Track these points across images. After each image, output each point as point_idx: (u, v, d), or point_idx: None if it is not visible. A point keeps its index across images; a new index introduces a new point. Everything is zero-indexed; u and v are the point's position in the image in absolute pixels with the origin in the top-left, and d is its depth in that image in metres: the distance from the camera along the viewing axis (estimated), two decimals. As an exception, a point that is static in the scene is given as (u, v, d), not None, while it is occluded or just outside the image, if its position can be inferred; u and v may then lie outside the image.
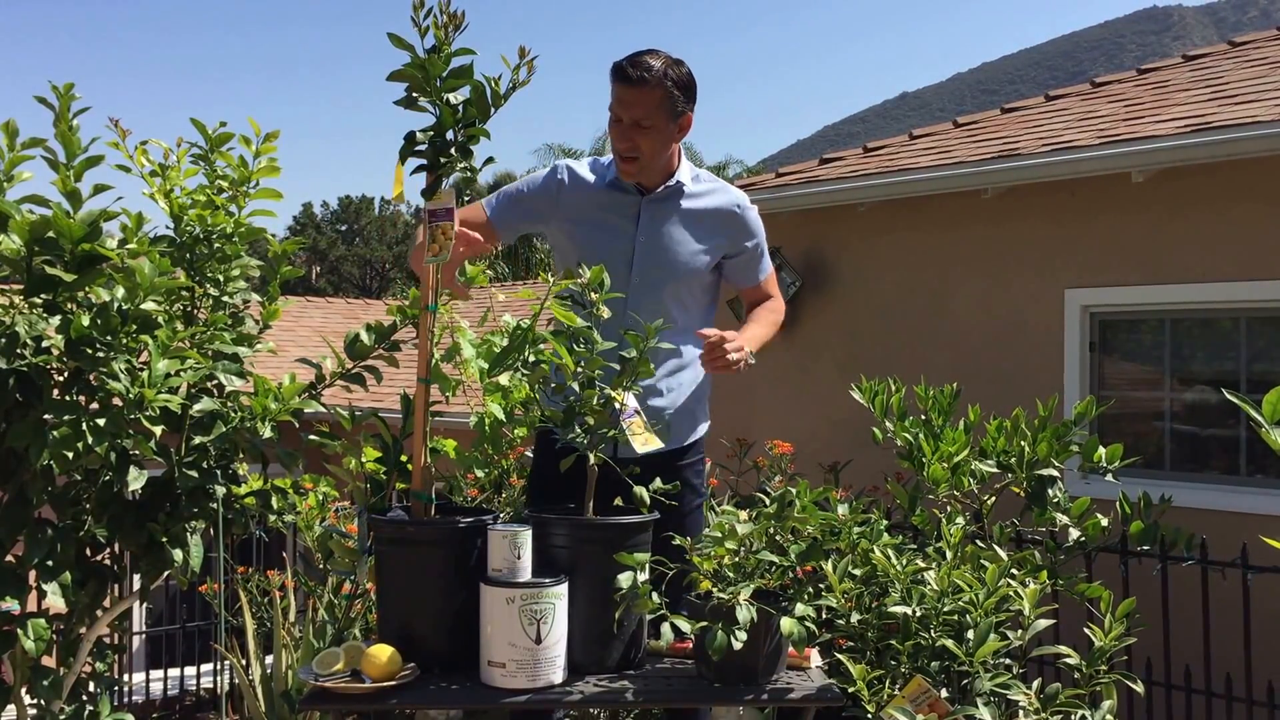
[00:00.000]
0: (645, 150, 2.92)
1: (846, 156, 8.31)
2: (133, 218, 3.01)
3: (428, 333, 2.71)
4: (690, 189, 3.04)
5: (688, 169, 3.07)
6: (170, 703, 5.96)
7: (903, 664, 2.72)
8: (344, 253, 47.96)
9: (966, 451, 3.35)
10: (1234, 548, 4.41)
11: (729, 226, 3.08)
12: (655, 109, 2.89)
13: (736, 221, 3.10)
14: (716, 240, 3.05)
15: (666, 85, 2.88)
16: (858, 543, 2.83)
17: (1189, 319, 6.23)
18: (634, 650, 2.63)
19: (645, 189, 3.01)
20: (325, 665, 2.50)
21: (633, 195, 3.01)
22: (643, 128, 2.89)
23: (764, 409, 7.95)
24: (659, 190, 3.00)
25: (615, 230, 2.99)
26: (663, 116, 2.90)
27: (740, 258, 3.12)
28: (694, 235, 3.02)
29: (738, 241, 3.10)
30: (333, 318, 15.20)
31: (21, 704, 3.02)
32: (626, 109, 2.89)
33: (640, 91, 2.86)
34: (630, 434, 2.67)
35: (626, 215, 3.00)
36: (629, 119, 2.89)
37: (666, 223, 3.01)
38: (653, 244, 2.98)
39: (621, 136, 2.92)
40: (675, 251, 2.99)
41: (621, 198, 3.02)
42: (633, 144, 2.90)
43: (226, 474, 3.09)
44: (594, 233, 2.99)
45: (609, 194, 3.02)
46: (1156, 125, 6.16)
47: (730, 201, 3.10)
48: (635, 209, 3.01)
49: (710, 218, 3.05)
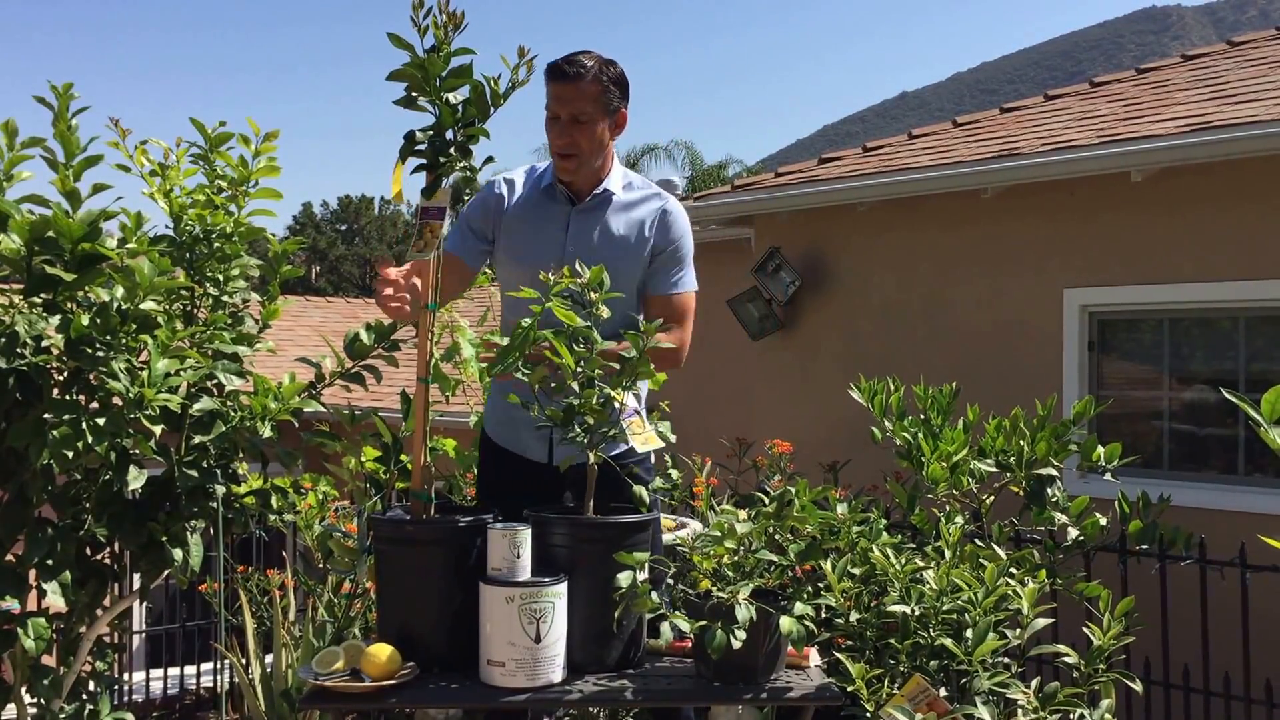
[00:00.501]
0: (584, 146, 2.96)
1: (846, 156, 8.31)
2: (132, 217, 3.02)
3: (427, 332, 2.71)
4: (619, 198, 3.08)
5: (619, 175, 3.11)
6: (170, 702, 5.97)
7: (901, 663, 2.72)
8: (344, 252, 47.92)
9: (965, 451, 3.35)
10: (1232, 547, 4.42)
11: (652, 229, 3.10)
12: (591, 104, 2.94)
13: (658, 223, 3.10)
14: (641, 246, 3.08)
15: (602, 81, 2.94)
16: (857, 542, 2.84)
17: (1188, 318, 6.24)
18: (633, 649, 2.64)
19: (575, 199, 3.06)
20: (325, 664, 2.50)
21: (563, 205, 3.06)
22: (580, 123, 2.93)
23: (763, 408, 7.97)
24: (588, 200, 3.05)
25: (546, 240, 3.04)
26: (598, 111, 2.96)
27: (656, 260, 3.11)
28: (621, 243, 3.06)
29: (657, 242, 3.10)
30: (332, 317, 15.19)
31: (21, 703, 3.03)
32: (564, 105, 2.92)
33: (576, 87, 2.91)
34: (630, 433, 2.67)
35: (557, 224, 3.05)
36: (566, 115, 2.93)
37: (595, 231, 3.05)
38: (580, 250, 3.02)
39: (560, 134, 2.95)
40: (602, 256, 3.02)
41: (552, 207, 3.07)
42: (571, 140, 2.94)
43: (226, 473, 3.09)
44: (525, 242, 3.02)
45: (541, 204, 3.08)
46: (1155, 125, 6.16)
47: (658, 206, 3.11)
48: (565, 218, 3.06)
49: (635, 226, 3.09)
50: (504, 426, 3.09)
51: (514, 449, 3.07)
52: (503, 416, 3.08)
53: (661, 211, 3.10)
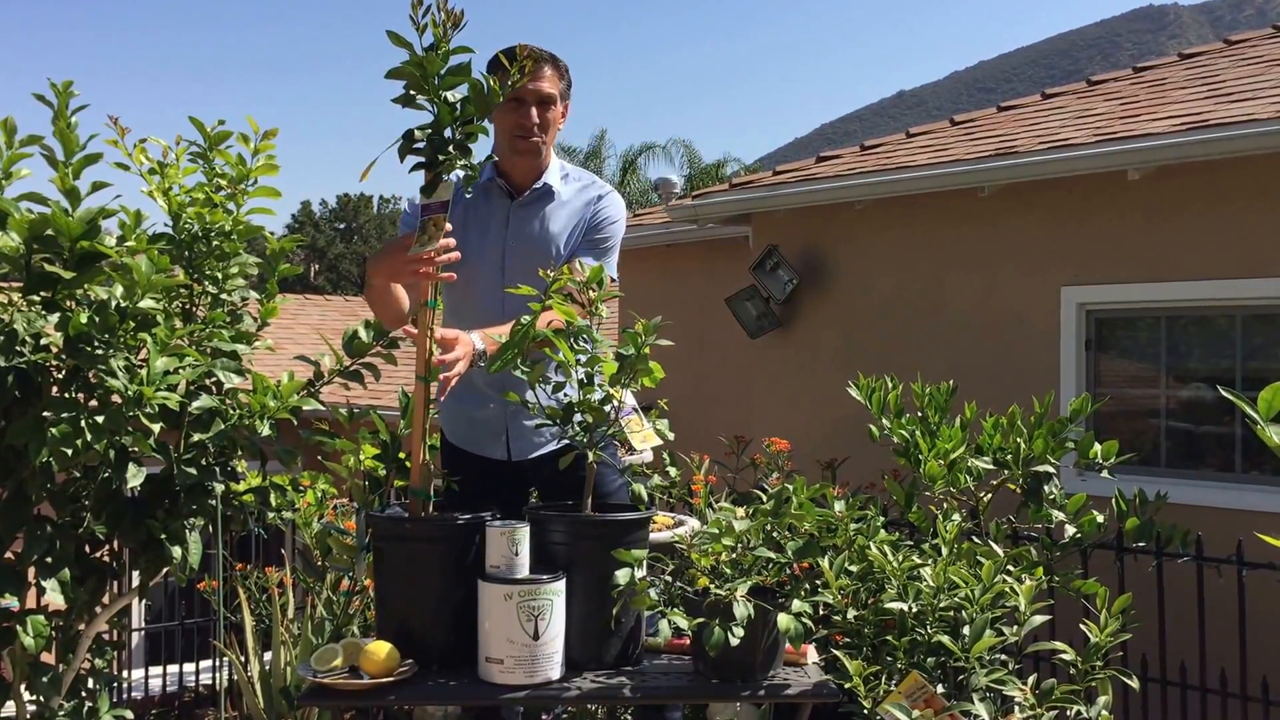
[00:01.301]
0: (546, 128, 3.05)
1: (843, 155, 8.32)
2: (131, 215, 3.01)
3: (426, 330, 2.72)
4: (558, 189, 3.15)
5: (557, 168, 3.18)
6: (169, 699, 5.96)
7: (899, 660, 2.73)
8: (342, 251, 47.88)
9: (963, 448, 3.36)
10: (1229, 544, 4.43)
11: (585, 213, 3.15)
12: (553, 87, 3.06)
13: (591, 208, 3.16)
14: (578, 232, 3.13)
15: (560, 69, 3.09)
16: (854, 539, 2.84)
17: (1185, 316, 6.25)
18: (631, 646, 2.64)
19: (514, 192, 3.11)
20: (324, 662, 2.51)
21: (503, 200, 3.12)
22: (546, 105, 3.04)
23: (761, 406, 7.97)
24: (527, 194, 3.11)
25: (486, 233, 3.10)
26: (559, 95, 3.09)
27: (581, 238, 3.15)
28: (559, 232, 3.11)
29: (589, 224, 3.15)
30: (331, 315, 15.19)
31: (21, 700, 3.03)
32: (537, 84, 3.01)
33: (542, 70, 3.02)
34: (628, 432, 2.67)
35: (497, 219, 3.12)
36: (534, 97, 3.02)
37: (534, 222, 3.11)
38: (520, 244, 3.09)
39: (525, 116, 3.03)
40: (542, 249, 3.08)
41: (492, 204, 3.13)
42: (539, 122, 3.03)
43: (225, 471, 3.09)
44: (468, 239, 3.05)
45: (480, 202, 3.13)
46: (1153, 123, 6.17)
47: (593, 194, 3.18)
48: (505, 213, 3.12)
49: (571, 217, 3.14)
50: (460, 428, 3.16)
51: (472, 450, 3.12)
52: (459, 419, 3.15)
53: (596, 199, 3.18)
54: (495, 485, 3.02)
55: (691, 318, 8.66)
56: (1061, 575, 3.12)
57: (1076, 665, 2.66)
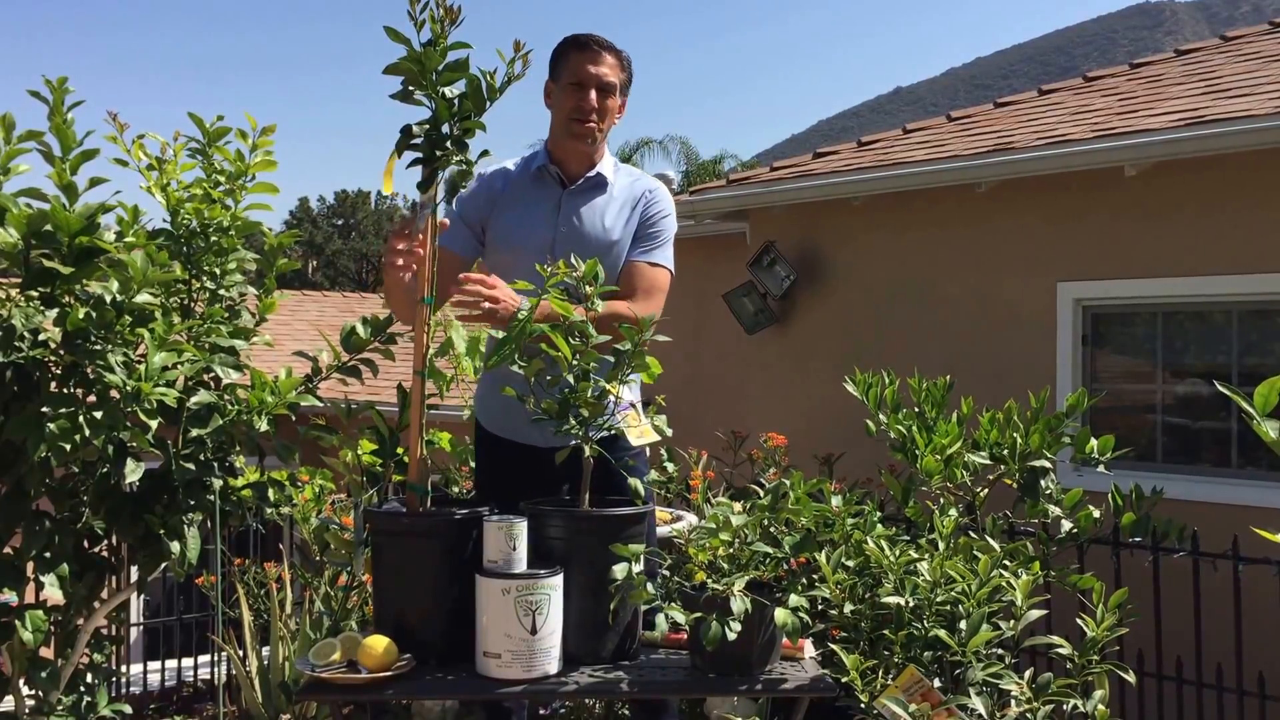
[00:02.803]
0: (603, 117, 3.04)
1: (840, 151, 8.32)
2: (130, 211, 3.02)
3: (423, 326, 2.72)
4: (611, 181, 3.14)
5: (610, 161, 3.17)
6: (168, 694, 5.96)
7: (896, 654, 2.74)
8: (340, 247, 47.85)
9: (959, 444, 3.36)
10: (1225, 539, 4.44)
11: (639, 207, 3.14)
12: (616, 76, 3.05)
13: (643, 200, 3.15)
14: (630, 226, 3.12)
15: (624, 61, 3.07)
16: (851, 534, 2.85)
17: (1181, 312, 6.25)
18: (629, 641, 2.65)
19: (567, 180, 3.10)
20: (322, 656, 2.51)
21: (554, 188, 3.10)
22: (605, 93, 3.03)
23: (758, 402, 7.98)
24: (579, 183, 3.09)
25: (537, 221, 3.07)
26: (620, 85, 3.07)
27: (636, 233, 3.14)
28: (611, 223, 3.09)
29: (639, 217, 3.14)
30: (329, 311, 15.18)
31: (20, 694, 3.04)
32: (595, 71, 3.01)
33: (606, 58, 3.02)
34: (625, 426, 2.68)
35: (548, 207, 3.09)
36: (595, 83, 3.01)
37: (585, 212, 3.09)
38: (571, 233, 3.06)
39: (584, 99, 3.02)
40: (593, 239, 3.06)
41: (543, 190, 3.10)
42: (598, 106, 3.02)
43: (223, 466, 3.09)
44: (517, 225, 3.06)
45: (533, 187, 3.11)
46: (1149, 119, 6.17)
47: (644, 187, 3.17)
48: (556, 200, 3.09)
49: (624, 208, 3.12)
50: (499, 415, 3.10)
51: (510, 436, 3.08)
52: (497, 405, 3.08)
53: (648, 191, 3.16)
54: (532, 472, 2.97)
55: (688, 314, 8.66)
56: (1058, 570, 3.13)
57: (1073, 660, 2.67)
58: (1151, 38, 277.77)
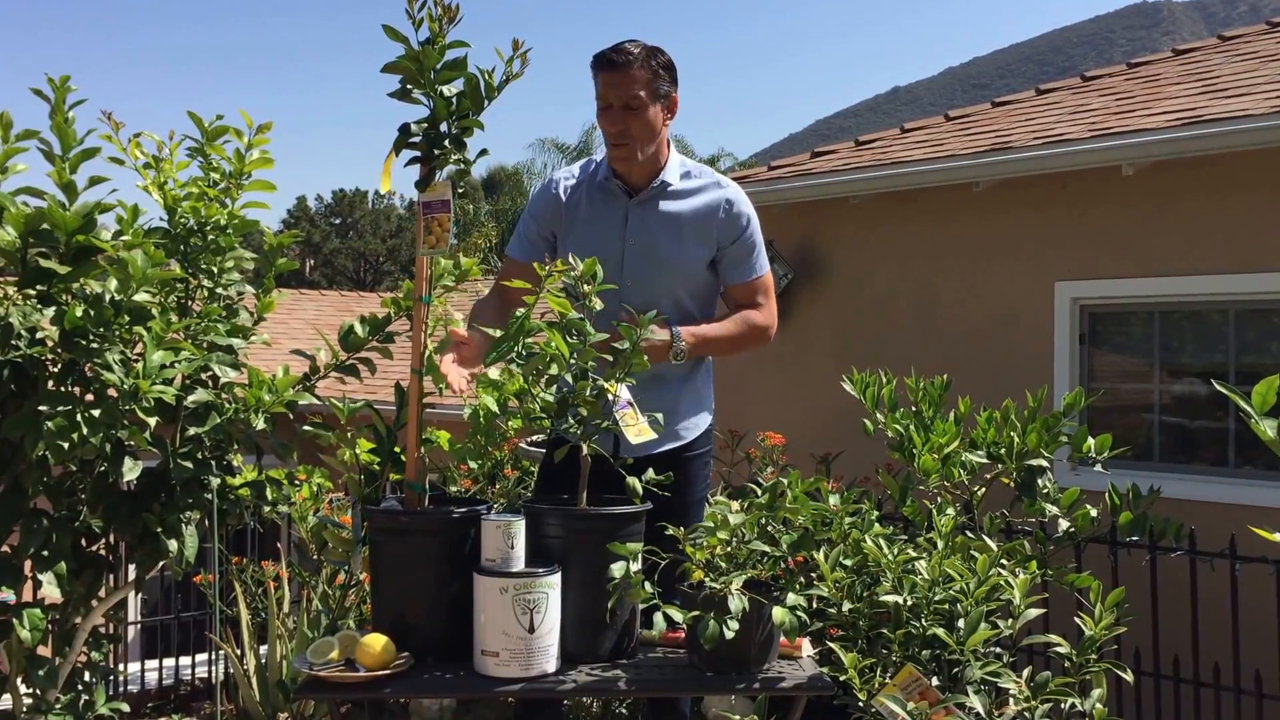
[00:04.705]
0: (636, 133, 2.95)
1: (838, 150, 8.32)
2: (128, 210, 3.02)
3: (421, 325, 2.72)
4: (677, 187, 3.06)
5: (676, 164, 3.09)
6: (165, 692, 5.96)
7: (894, 652, 2.74)
8: (338, 246, 47.83)
9: (957, 443, 3.37)
10: (1222, 538, 4.44)
11: (715, 225, 3.07)
12: (642, 89, 2.94)
13: (721, 220, 3.08)
14: (704, 239, 3.06)
15: (650, 66, 2.95)
16: (849, 533, 2.85)
17: (1178, 311, 6.26)
18: (627, 640, 2.65)
19: (632, 190, 3.04)
20: (320, 654, 2.51)
21: (620, 199, 3.05)
22: (631, 110, 2.94)
23: (756, 401, 7.98)
24: (645, 192, 3.04)
25: (604, 235, 3.02)
26: (649, 97, 2.96)
27: (726, 254, 3.11)
28: (682, 234, 3.04)
29: (722, 240, 3.09)
30: (326, 310, 15.19)
31: (17, 693, 3.04)
32: (615, 91, 2.93)
33: (625, 73, 2.92)
34: (623, 425, 2.68)
35: (615, 219, 3.04)
36: (619, 102, 2.94)
37: (654, 224, 3.03)
38: (640, 246, 3.02)
39: (612, 122, 2.96)
40: (663, 252, 3.02)
41: (609, 202, 3.06)
42: (624, 128, 2.94)
43: (221, 465, 3.10)
44: (584, 239, 3.00)
45: (598, 200, 3.07)
46: (1147, 119, 6.18)
47: (718, 200, 3.09)
48: (623, 212, 3.04)
49: (697, 216, 3.06)
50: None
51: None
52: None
53: (726, 202, 3.09)
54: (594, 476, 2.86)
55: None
56: (1055, 569, 3.13)
57: (1071, 658, 2.68)
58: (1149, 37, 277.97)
